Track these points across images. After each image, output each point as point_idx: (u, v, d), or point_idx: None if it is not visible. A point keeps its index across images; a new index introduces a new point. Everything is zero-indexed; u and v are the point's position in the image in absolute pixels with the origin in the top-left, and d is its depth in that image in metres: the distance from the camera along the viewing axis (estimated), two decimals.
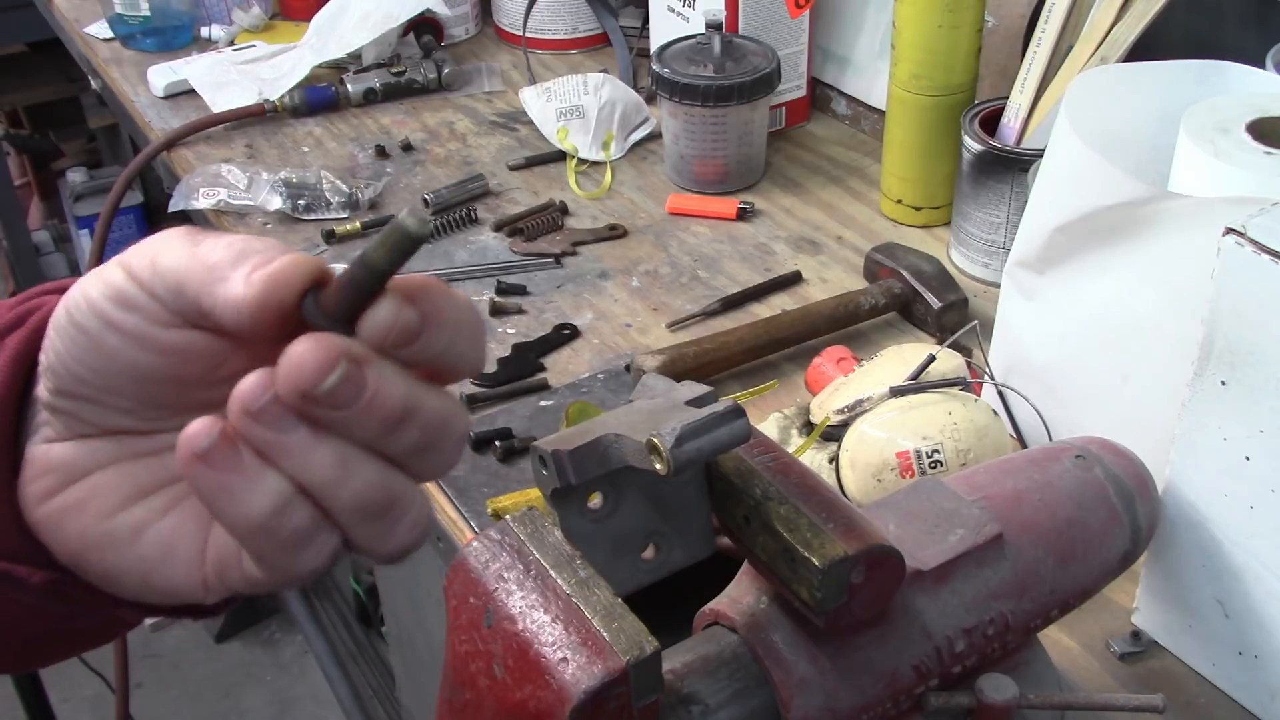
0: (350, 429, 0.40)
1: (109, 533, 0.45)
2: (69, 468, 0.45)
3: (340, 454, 0.40)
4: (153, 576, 0.45)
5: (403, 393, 0.40)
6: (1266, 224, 0.70)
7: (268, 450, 0.40)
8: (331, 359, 0.39)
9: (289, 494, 0.40)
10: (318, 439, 0.40)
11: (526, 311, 1.23)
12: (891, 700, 0.63)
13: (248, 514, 0.40)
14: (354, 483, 0.41)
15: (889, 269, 1.20)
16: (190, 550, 0.45)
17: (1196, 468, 0.78)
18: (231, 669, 2.48)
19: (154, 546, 0.45)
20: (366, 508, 0.41)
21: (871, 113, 1.50)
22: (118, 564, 0.45)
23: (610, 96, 1.49)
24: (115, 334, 0.43)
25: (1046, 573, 0.69)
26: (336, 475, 0.40)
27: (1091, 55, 1.11)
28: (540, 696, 0.54)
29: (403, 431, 0.41)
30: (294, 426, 0.40)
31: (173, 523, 0.45)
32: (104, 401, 0.44)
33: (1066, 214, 0.88)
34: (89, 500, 0.45)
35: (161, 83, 1.65)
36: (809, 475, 0.62)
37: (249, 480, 0.40)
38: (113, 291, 0.43)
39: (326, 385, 0.38)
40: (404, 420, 0.40)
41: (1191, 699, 0.82)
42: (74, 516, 0.45)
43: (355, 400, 0.39)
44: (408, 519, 0.43)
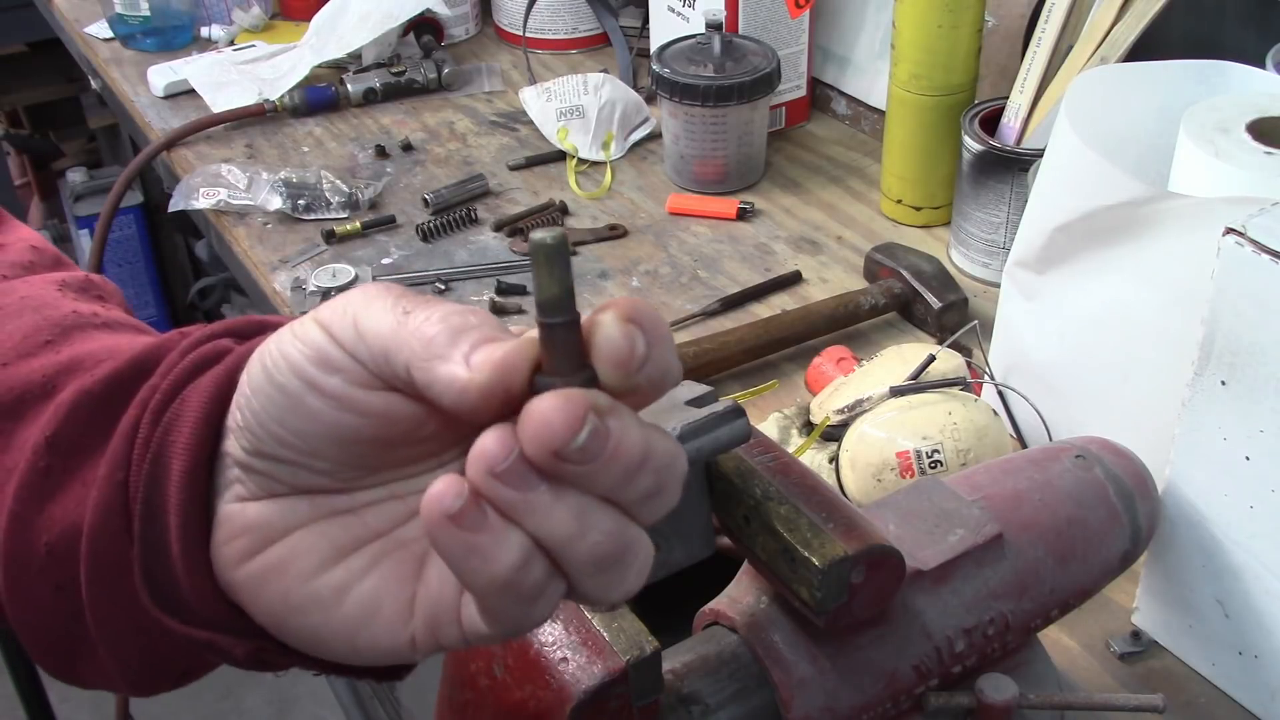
0: (593, 482, 0.39)
1: (313, 596, 0.44)
2: (266, 528, 0.44)
3: (581, 507, 0.39)
4: (358, 638, 0.44)
5: (641, 437, 0.39)
6: (1266, 224, 0.70)
7: (510, 509, 0.39)
8: (580, 415, 0.37)
9: (531, 549, 0.39)
10: (560, 494, 0.39)
11: (526, 311, 1.23)
12: (891, 700, 0.63)
13: (494, 572, 0.39)
14: (592, 535, 0.39)
15: (889, 269, 1.20)
16: (395, 609, 0.44)
17: (1196, 468, 0.78)
18: (231, 669, 2.48)
19: (358, 607, 0.44)
20: (602, 560, 0.40)
21: (871, 113, 1.50)
22: (324, 627, 0.44)
23: (610, 96, 1.49)
24: (318, 396, 0.42)
25: (1046, 573, 0.69)
26: (576, 529, 0.39)
27: (1091, 55, 1.11)
28: (540, 696, 0.54)
29: (640, 478, 0.39)
30: (537, 484, 0.39)
31: (375, 582, 0.44)
32: (303, 463, 0.43)
33: (1066, 214, 0.88)
34: (290, 562, 0.44)
35: (161, 83, 1.65)
36: (809, 475, 0.62)
37: (496, 539, 0.39)
38: (314, 352, 0.42)
39: (578, 443, 0.37)
40: (642, 466, 0.39)
41: (1191, 699, 0.82)
42: (275, 579, 0.44)
43: (601, 453, 0.38)
44: (636, 566, 0.41)
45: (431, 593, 0.43)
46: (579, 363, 0.39)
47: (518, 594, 0.40)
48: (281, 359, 0.42)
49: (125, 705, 1.97)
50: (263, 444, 0.43)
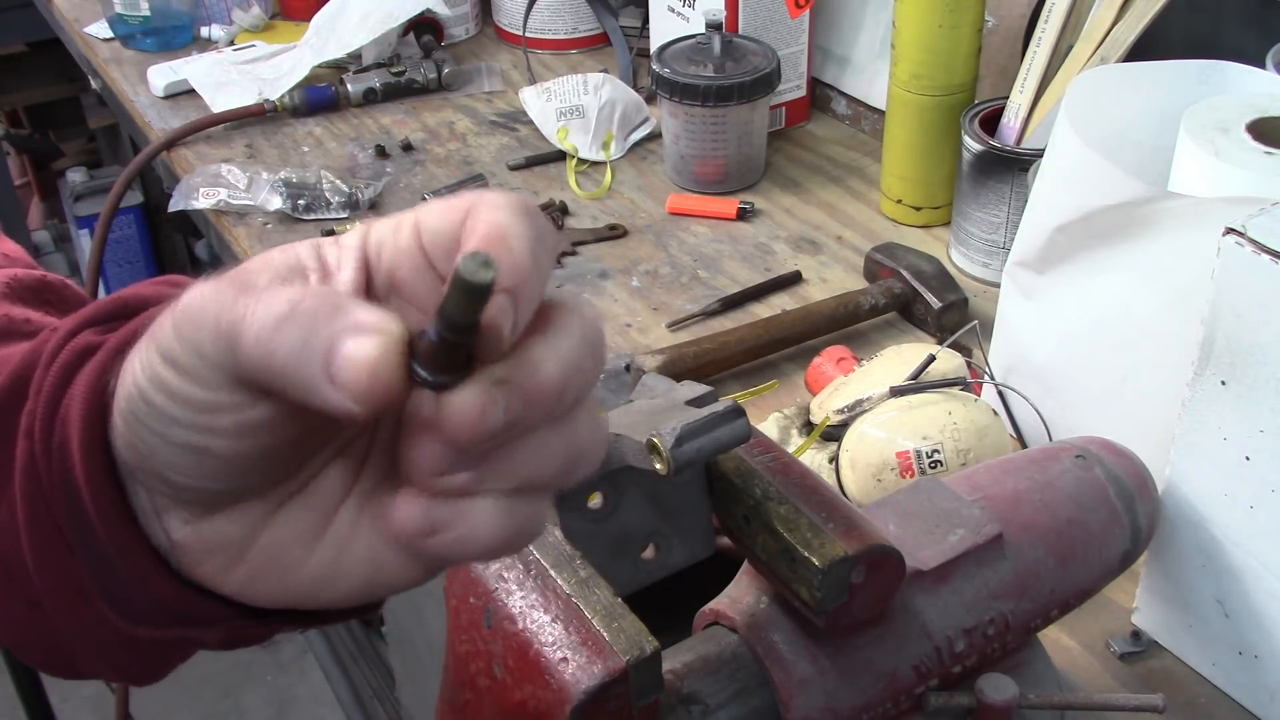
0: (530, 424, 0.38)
1: (315, 579, 0.43)
2: (231, 541, 0.43)
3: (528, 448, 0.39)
4: (374, 588, 0.43)
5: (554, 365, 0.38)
6: (1266, 224, 0.70)
7: (467, 489, 0.39)
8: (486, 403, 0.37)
9: (507, 504, 0.39)
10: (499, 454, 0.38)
11: None
12: (891, 700, 0.63)
13: (485, 541, 0.39)
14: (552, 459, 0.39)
15: (889, 269, 1.20)
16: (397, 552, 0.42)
17: (1196, 468, 0.78)
18: (231, 669, 2.48)
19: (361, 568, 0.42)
20: (569, 469, 0.40)
21: (871, 113, 1.50)
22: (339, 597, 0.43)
23: (610, 96, 1.49)
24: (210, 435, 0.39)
25: (1046, 573, 0.69)
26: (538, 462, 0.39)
27: (1091, 55, 1.11)
28: (540, 696, 0.54)
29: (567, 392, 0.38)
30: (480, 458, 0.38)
31: (365, 542, 0.42)
32: (227, 489, 0.41)
33: (1066, 214, 0.88)
34: (275, 560, 0.43)
35: (161, 83, 1.65)
36: (809, 475, 0.62)
37: (472, 519, 0.39)
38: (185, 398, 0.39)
39: (493, 424, 0.37)
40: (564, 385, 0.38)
41: (1191, 699, 0.82)
42: (268, 577, 0.43)
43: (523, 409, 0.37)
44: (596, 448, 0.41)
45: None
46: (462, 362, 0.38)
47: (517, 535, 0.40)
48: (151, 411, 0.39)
49: (125, 705, 1.97)
50: (171, 490, 0.41)
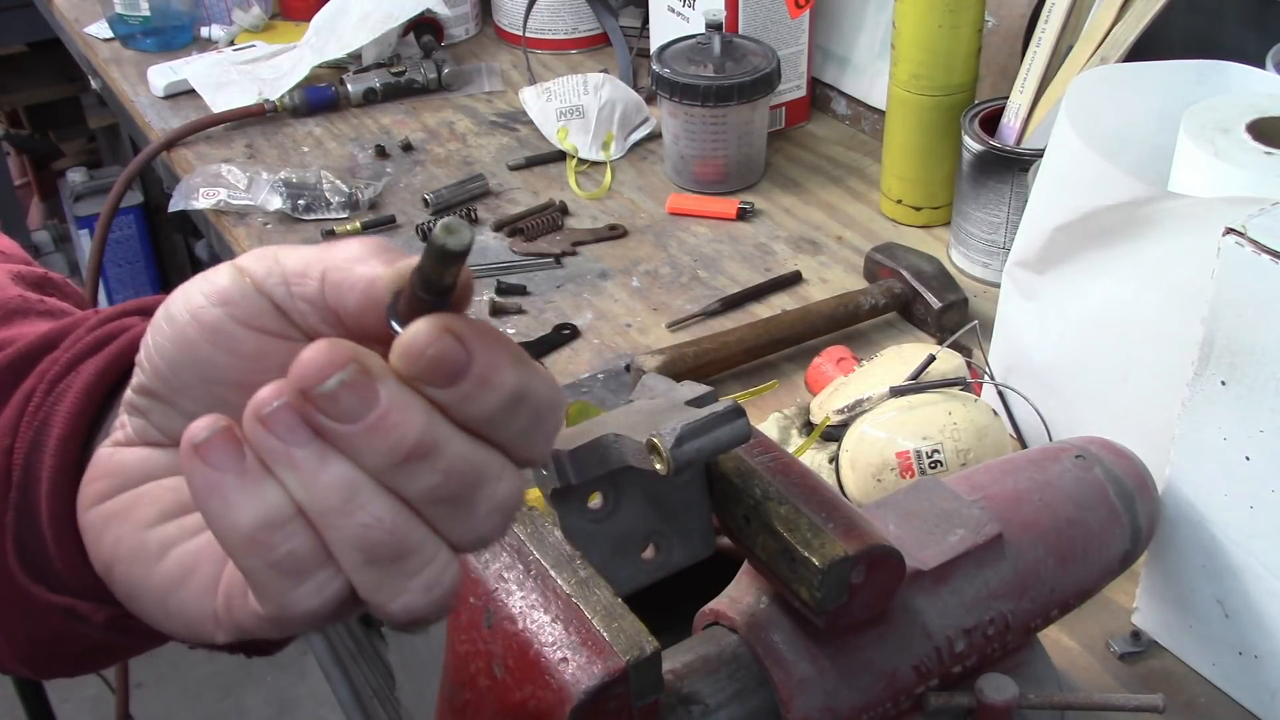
0: (360, 452, 0.37)
1: (140, 546, 0.44)
2: (125, 474, 0.45)
3: (348, 480, 0.37)
4: (169, 600, 0.43)
5: (421, 424, 0.36)
6: (1266, 224, 0.70)
7: (271, 459, 0.37)
8: (340, 361, 0.36)
9: (286, 511, 0.37)
10: (325, 458, 0.37)
11: (526, 311, 1.23)
12: (891, 700, 0.63)
13: (237, 520, 0.37)
14: (359, 516, 0.37)
15: (889, 269, 1.20)
16: (207, 576, 0.43)
17: (1196, 468, 0.78)
18: (231, 669, 2.48)
19: (175, 566, 0.43)
20: (372, 549, 0.37)
21: (871, 113, 1.50)
22: (141, 581, 0.44)
23: (610, 96, 1.49)
24: (197, 328, 0.42)
25: (1046, 573, 0.69)
26: (340, 502, 0.37)
27: (1091, 55, 1.11)
28: (540, 696, 0.54)
29: (420, 471, 0.37)
30: (302, 440, 0.37)
31: (196, 546, 0.43)
32: (175, 402, 0.43)
33: (1066, 214, 0.88)
34: (134, 509, 0.44)
35: (161, 83, 1.65)
36: (809, 475, 0.62)
37: (243, 484, 0.37)
38: (212, 289, 0.42)
39: (328, 386, 0.36)
40: (422, 458, 0.37)
41: (1191, 699, 0.82)
42: (117, 523, 0.44)
43: (361, 414, 0.36)
44: (421, 577, 0.38)
45: (230, 570, 0.42)
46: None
47: (270, 559, 0.38)
48: (180, 294, 0.43)
49: (125, 705, 1.97)
50: (147, 379, 0.43)
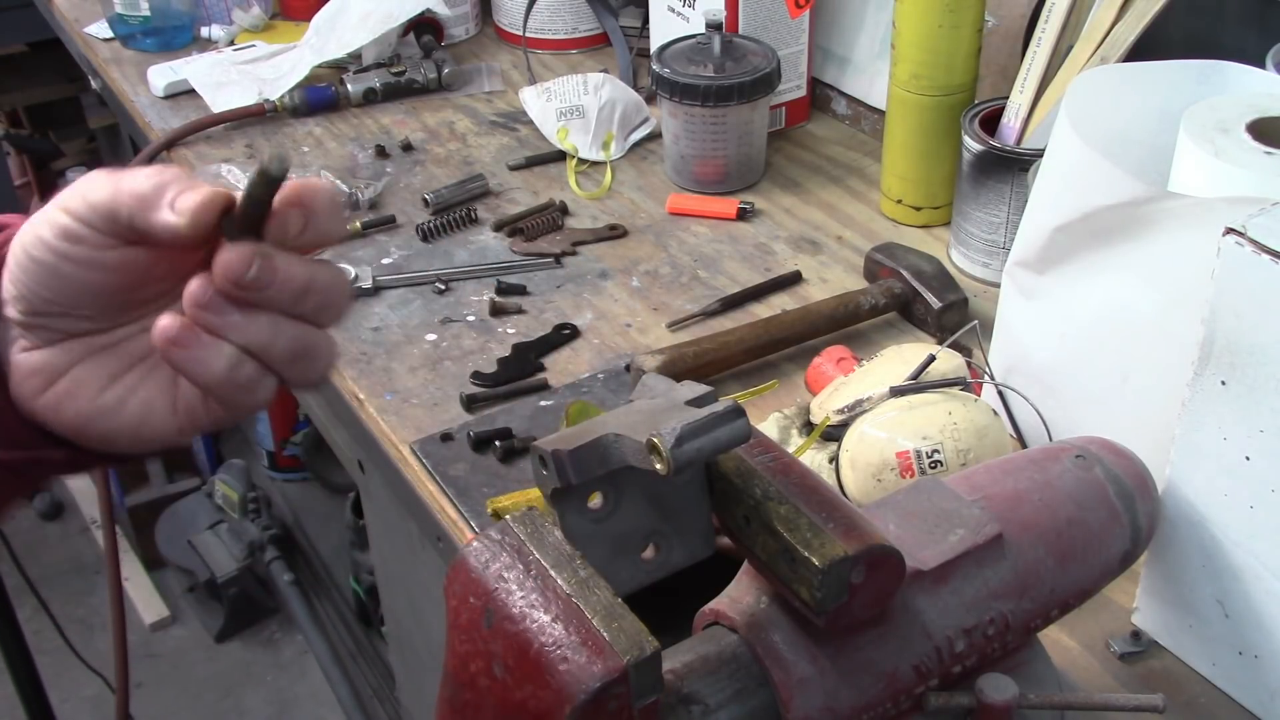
0: (272, 303, 0.55)
1: (100, 408, 0.59)
2: (50, 368, 0.58)
3: (270, 322, 0.56)
4: (141, 432, 0.60)
5: (303, 270, 0.55)
6: (1266, 224, 0.70)
7: (217, 329, 0.55)
8: (249, 257, 0.54)
9: (238, 356, 0.56)
10: (251, 314, 0.55)
11: (526, 311, 1.23)
12: (891, 700, 0.63)
13: (212, 373, 0.55)
14: (282, 340, 0.56)
15: (889, 269, 1.20)
16: (165, 407, 0.60)
17: (1196, 468, 0.78)
18: (231, 669, 2.48)
19: (136, 410, 0.59)
20: (295, 355, 0.57)
21: (871, 113, 1.50)
22: (112, 429, 0.59)
23: (610, 96, 1.49)
24: (69, 263, 0.56)
25: (1046, 573, 0.69)
26: (269, 336, 0.56)
27: (1091, 55, 1.11)
28: (540, 696, 0.54)
29: (308, 297, 0.56)
30: (232, 309, 0.55)
31: (148, 390, 0.60)
32: (69, 314, 0.57)
33: (1066, 214, 0.88)
34: (76, 389, 0.59)
35: (161, 83, 1.65)
36: (809, 475, 0.62)
37: (208, 351, 0.55)
38: (59, 230, 0.55)
39: (250, 275, 0.54)
40: (307, 289, 0.56)
41: (1191, 699, 0.82)
42: (69, 402, 0.59)
43: (271, 282, 0.54)
44: (323, 358, 0.59)
45: (185, 393, 0.59)
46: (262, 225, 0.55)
47: (236, 386, 0.56)
48: (36, 239, 0.56)
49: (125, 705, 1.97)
50: (34, 306, 0.57)
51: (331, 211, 0.57)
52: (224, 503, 2.56)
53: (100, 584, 2.58)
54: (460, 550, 0.59)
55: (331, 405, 1.23)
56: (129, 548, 2.62)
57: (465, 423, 1.08)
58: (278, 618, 2.54)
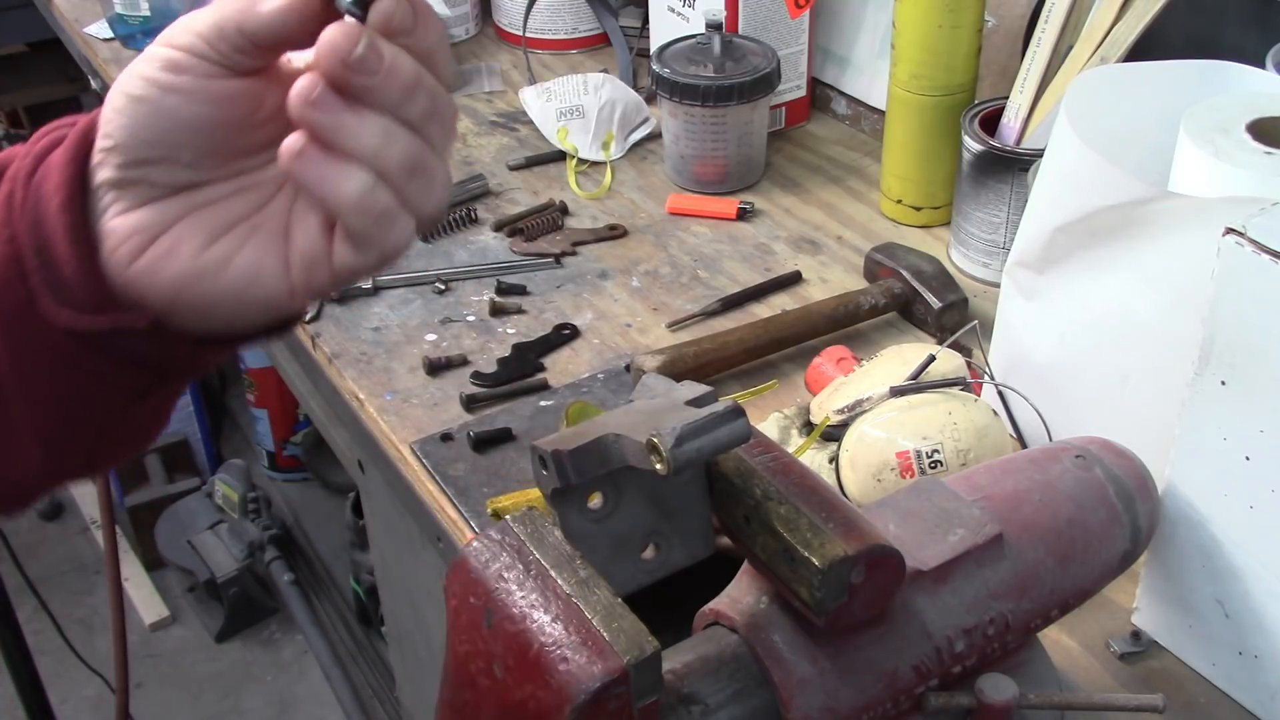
0: (379, 97, 0.50)
1: (202, 268, 0.53)
2: (149, 228, 0.53)
3: (381, 124, 0.50)
4: (246, 295, 0.54)
5: (411, 63, 0.50)
6: (1266, 224, 0.70)
7: (330, 133, 0.50)
8: (356, 35, 0.49)
9: (371, 179, 0.50)
10: (361, 114, 0.50)
11: (526, 311, 1.23)
12: (891, 700, 0.63)
13: (345, 194, 0.50)
14: (398, 145, 0.51)
15: (889, 269, 1.20)
16: (274, 266, 0.54)
17: (1196, 468, 0.78)
18: (231, 669, 2.48)
19: (243, 270, 0.53)
20: (412, 166, 0.51)
21: (871, 113, 1.50)
22: (213, 292, 0.53)
23: (610, 96, 1.49)
24: (173, 95, 0.51)
25: (1046, 573, 0.69)
26: (384, 140, 0.50)
27: (1091, 55, 1.11)
28: (540, 696, 0.54)
29: (417, 97, 0.51)
30: (342, 107, 0.50)
31: (254, 248, 0.54)
32: (170, 159, 0.52)
33: (1066, 214, 0.88)
34: (176, 247, 0.53)
35: None
36: (809, 475, 0.62)
37: (338, 169, 0.50)
38: (163, 62, 0.51)
39: (358, 52, 0.49)
40: (416, 87, 0.51)
41: (1191, 699, 0.82)
42: (166, 263, 0.53)
43: (379, 66, 0.49)
44: (439, 178, 0.53)
45: (300, 247, 0.54)
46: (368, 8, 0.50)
47: (372, 215, 0.51)
48: (138, 78, 0.52)
49: (125, 705, 1.97)
50: (134, 153, 0.52)
51: (439, 32, 0.52)
52: (224, 503, 2.56)
53: (100, 584, 2.58)
54: (460, 550, 0.59)
55: (331, 405, 1.23)
56: (129, 548, 2.62)
57: (465, 423, 1.08)
58: (278, 618, 2.54)
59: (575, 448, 0.58)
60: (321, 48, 0.49)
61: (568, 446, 0.58)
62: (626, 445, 0.58)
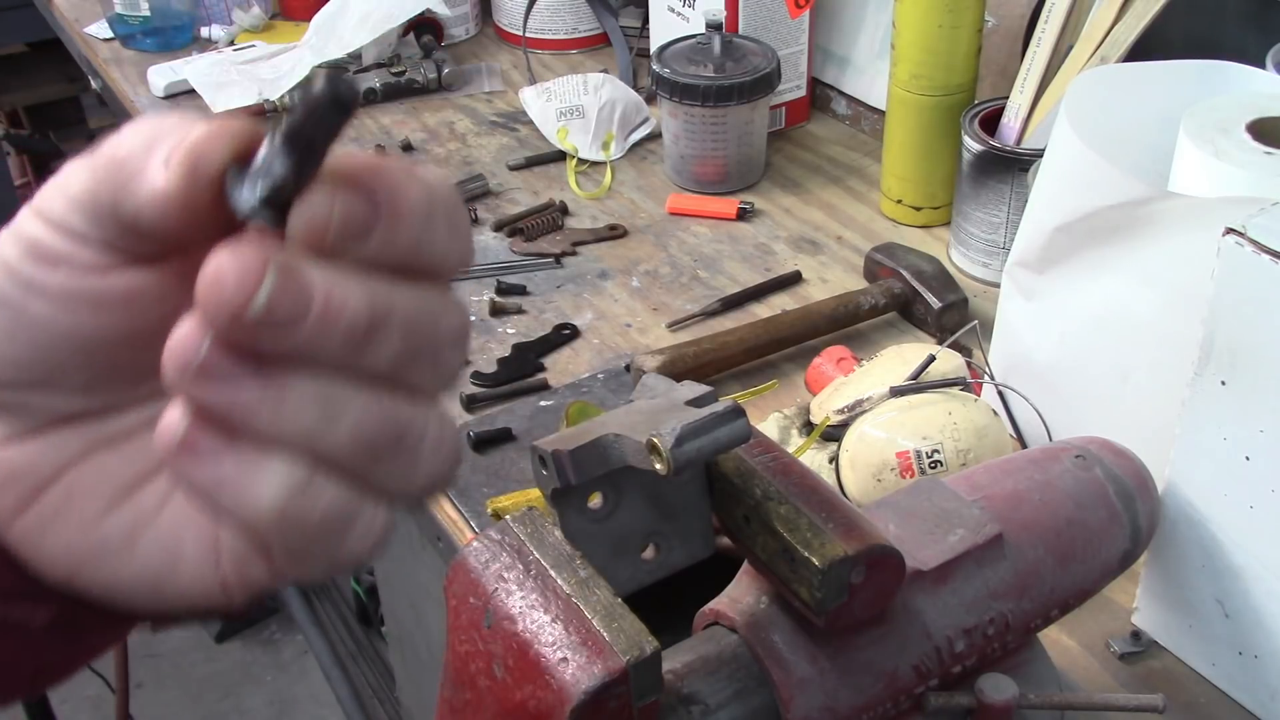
0: (314, 353, 0.32)
1: (100, 543, 0.38)
2: (33, 472, 0.38)
3: (317, 390, 0.32)
4: (164, 586, 0.38)
5: (364, 295, 0.32)
6: (1266, 224, 0.70)
7: (234, 413, 0.32)
8: (257, 267, 0.30)
9: (304, 473, 0.33)
10: (283, 380, 0.32)
11: (526, 311, 1.23)
12: (891, 700, 0.63)
13: (259, 504, 0.33)
14: (346, 420, 0.33)
15: (889, 269, 1.20)
16: (200, 548, 0.38)
17: (1196, 468, 0.78)
18: (231, 669, 2.48)
19: (156, 551, 0.38)
20: (374, 446, 0.33)
21: (871, 113, 1.50)
22: (119, 577, 0.38)
23: (610, 96, 1.49)
24: (46, 300, 0.35)
25: (1046, 573, 0.69)
26: (323, 416, 0.32)
27: (1091, 55, 1.11)
28: (540, 696, 0.54)
29: (379, 343, 0.33)
30: (247, 374, 0.32)
31: (171, 520, 0.38)
32: (52, 383, 0.37)
33: (1066, 214, 0.88)
34: (68, 507, 0.38)
35: (161, 83, 1.65)
36: (809, 475, 0.62)
37: (248, 462, 0.32)
38: (28, 246, 0.35)
39: (259, 302, 0.30)
40: (376, 328, 0.32)
41: (1191, 699, 0.82)
42: (56, 530, 0.38)
43: (303, 315, 0.31)
44: (427, 444, 0.35)
45: (227, 537, 0.37)
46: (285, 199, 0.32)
47: (311, 525, 0.33)
48: (13, 285, 0.35)
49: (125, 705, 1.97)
50: (2, 374, 0.36)
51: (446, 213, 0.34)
52: None
53: None
54: (460, 550, 0.59)
55: None
56: None
57: (465, 423, 1.08)
58: (278, 618, 2.54)
59: (575, 448, 0.58)
60: (203, 289, 0.31)
61: (568, 446, 0.58)
62: (626, 445, 0.58)
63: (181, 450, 0.32)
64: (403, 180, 0.33)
